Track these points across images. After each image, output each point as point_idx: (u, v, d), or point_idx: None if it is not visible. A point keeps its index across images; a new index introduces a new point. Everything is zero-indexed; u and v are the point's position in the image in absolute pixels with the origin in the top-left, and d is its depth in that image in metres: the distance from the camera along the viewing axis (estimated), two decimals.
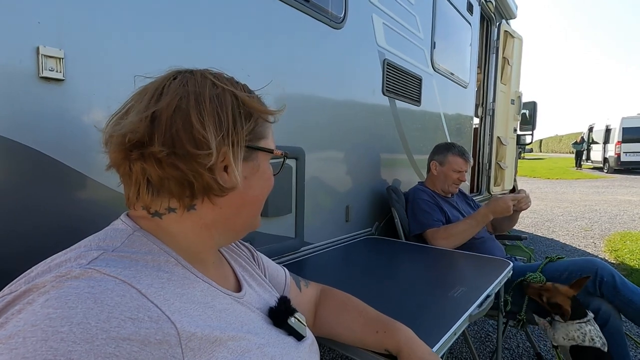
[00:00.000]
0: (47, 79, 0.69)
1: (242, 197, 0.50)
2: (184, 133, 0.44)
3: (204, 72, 0.49)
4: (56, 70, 0.70)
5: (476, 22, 2.93)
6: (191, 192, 0.46)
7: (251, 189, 0.51)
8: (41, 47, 0.68)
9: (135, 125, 0.43)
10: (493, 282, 1.10)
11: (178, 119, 0.44)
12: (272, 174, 0.56)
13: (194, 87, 0.46)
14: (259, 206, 0.55)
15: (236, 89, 0.49)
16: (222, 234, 0.52)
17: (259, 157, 0.52)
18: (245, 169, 0.50)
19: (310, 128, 1.41)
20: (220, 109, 0.46)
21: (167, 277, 0.42)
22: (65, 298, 0.32)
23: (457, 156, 1.81)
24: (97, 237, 0.44)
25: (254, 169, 0.51)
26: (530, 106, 4.46)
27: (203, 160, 0.44)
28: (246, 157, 0.50)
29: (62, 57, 0.71)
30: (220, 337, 0.42)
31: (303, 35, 1.34)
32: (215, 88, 0.47)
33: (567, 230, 4.69)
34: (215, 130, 0.45)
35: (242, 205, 0.51)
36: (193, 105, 0.45)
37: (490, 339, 2.06)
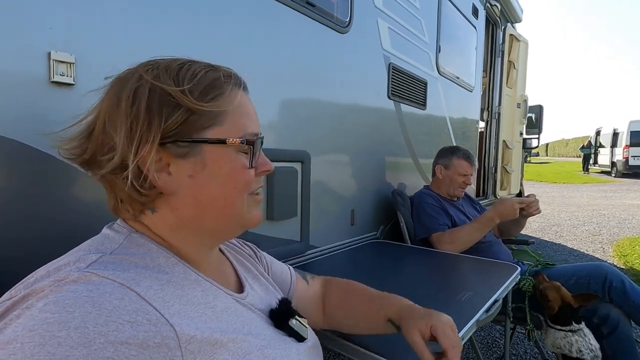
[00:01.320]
0: (57, 83, 0.71)
1: (195, 197, 0.45)
2: (100, 140, 0.43)
3: (143, 65, 0.46)
4: (67, 75, 0.71)
5: (481, 25, 2.93)
6: (132, 199, 0.44)
7: (205, 188, 0.45)
8: (52, 52, 0.69)
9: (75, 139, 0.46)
10: (501, 287, 1.09)
11: (100, 126, 0.43)
12: (242, 167, 0.47)
13: (119, 86, 0.44)
14: (229, 204, 0.47)
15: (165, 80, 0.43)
16: (199, 235, 0.48)
17: (204, 150, 0.44)
18: (187, 167, 0.44)
19: (315, 131, 1.41)
20: (132, 106, 0.42)
21: (166, 279, 0.42)
22: (63, 302, 0.32)
23: (462, 159, 1.80)
24: (96, 241, 0.44)
25: (197, 165, 0.44)
26: (536, 110, 4.43)
27: (106, 166, 0.42)
28: (183, 154, 0.44)
29: (72, 62, 0.72)
30: (221, 339, 0.41)
31: (309, 40, 1.34)
32: (135, 84, 0.43)
33: (575, 235, 4.64)
34: (125, 132, 0.41)
35: (199, 206, 0.46)
36: (113, 106, 0.43)
37: (497, 344, 2.04)
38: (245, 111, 0.49)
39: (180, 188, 0.45)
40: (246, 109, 0.49)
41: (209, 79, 0.46)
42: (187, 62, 0.47)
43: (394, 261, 1.45)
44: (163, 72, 0.44)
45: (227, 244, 0.63)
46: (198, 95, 0.44)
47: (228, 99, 0.46)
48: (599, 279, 1.39)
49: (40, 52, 0.68)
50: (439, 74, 2.27)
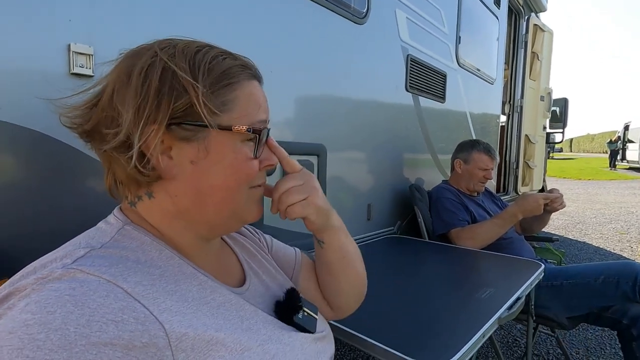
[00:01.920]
0: (77, 75, 0.71)
1: (194, 185, 0.43)
2: (105, 113, 0.41)
3: (159, 42, 0.44)
4: (86, 66, 0.72)
5: (504, 15, 2.83)
6: (132, 179, 0.43)
7: (206, 177, 0.43)
8: (72, 44, 0.70)
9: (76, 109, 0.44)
10: (523, 284, 1.05)
11: (107, 98, 0.42)
12: (246, 158, 0.45)
13: (132, 60, 0.42)
14: (230, 197, 0.45)
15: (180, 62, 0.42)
16: (196, 226, 0.46)
17: (209, 136, 0.43)
18: (191, 152, 0.43)
19: (332, 125, 1.40)
20: (143, 84, 0.40)
21: (159, 273, 0.40)
22: (45, 302, 0.31)
23: (483, 153, 1.75)
24: (88, 234, 0.42)
25: (200, 151, 0.43)
26: (561, 103, 4.26)
27: (111, 141, 0.40)
28: (188, 137, 0.42)
29: (91, 54, 0.72)
30: (217, 335, 0.39)
31: (325, 31, 1.32)
32: (148, 61, 0.41)
33: (601, 233, 4.46)
34: (134, 109, 0.40)
35: (199, 195, 0.44)
36: (123, 80, 0.41)
37: (518, 343, 1.98)
38: (255, 101, 0.46)
39: (180, 173, 0.43)
40: (257, 99, 0.47)
41: (224, 65, 0.44)
42: (206, 46, 0.46)
43: (412, 257, 1.43)
44: (180, 52, 0.43)
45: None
46: (210, 81, 0.42)
47: (239, 88, 0.45)
48: (628, 278, 1.32)
49: (60, 44, 0.69)
50: (459, 65, 2.21)
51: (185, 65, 0.42)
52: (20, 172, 0.68)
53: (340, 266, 0.64)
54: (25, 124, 0.67)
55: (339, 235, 0.62)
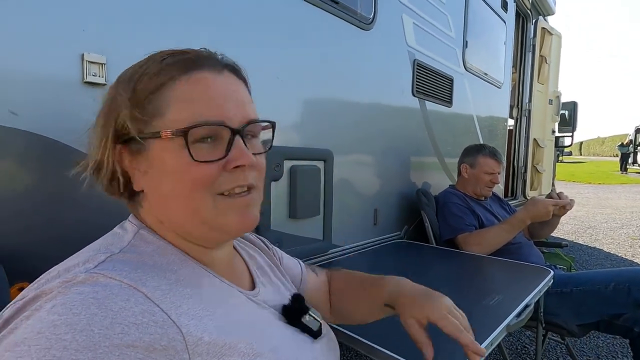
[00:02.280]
0: (90, 83, 0.73)
1: (155, 195, 0.44)
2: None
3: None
4: (99, 75, 0.74)
5: (511, 19, 2.82)
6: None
7: (158, 186, 0.43)
8: (85, 53, 0.72)
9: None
10: (532, 291, 1.04)
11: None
12: (186, 162, 0.41)
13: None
14: (192, 203, 0.42)
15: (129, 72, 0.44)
16: (181, 234, 0.45)
17: (151, 146, 0.42)
18: (142, 163, 0.43)
19: (338, 130, 1.40)
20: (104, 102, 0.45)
21: (175, 278, 0.41)
22: (70, 304, 0.32)
23: (489, 157, 1.74)
24: (106, 239, 0.44)
25: (147, 161, 0.43)
26: (570, 106, 4.22)
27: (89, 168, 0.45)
28: (137, 151, 0.43)
29: (104, 63, 0.74)
30: (230, 340, 0.40)
31: (332, 37, 1.33)
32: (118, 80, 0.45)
33: (612, 238, 4.39)
34: (97, 129, 0.44)
35: (164, 204, 0.44)
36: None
37: (527, 351, 1.95)
38: (195, 96, 0.42)
39: (144, 186, 0.45)
40: (197, 93, 0.42)
41: (154, 68, 0.43)
42: (163, 52, 0.45)
43: (418, 262, 1.42)
44: (132, 67, 0.45)
45: (239, 240, 0.62)
46: (141, 88, 0.42)
47: (172, 88, 0.42)
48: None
49: (74, 53, 0.71)
50: (466, 70, 2.21)
51: (126, 78, 0.44)
52: (35, 179, 0.69)
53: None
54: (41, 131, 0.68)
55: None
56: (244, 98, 0.46)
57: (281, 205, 1.19)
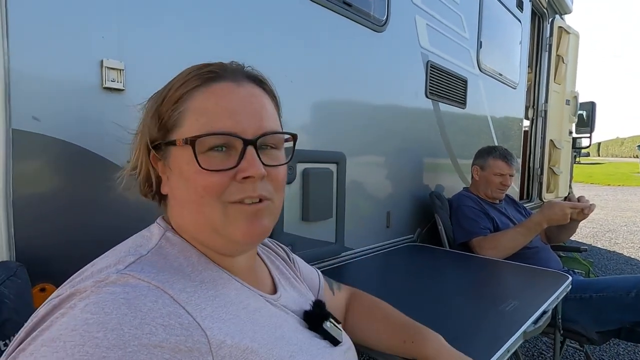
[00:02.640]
0: (109, 89, 0.75)
1: (175, 200, 0.47)
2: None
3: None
4: (117, 81, 0.75)
5: (527, 18, 2.77)
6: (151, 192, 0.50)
7: (177, 191, 0.46)
8: (104, 60, 0.74)
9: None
10: (550, 297, 1.01)
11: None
12: (196, 170, 0.42)
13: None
14: (202, 210, 0.43)
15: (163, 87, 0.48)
16: (200, 240, 0.46)
17: (171, 153, 0.45)
18: (166, 170, 0.47)
19: (351, 132, 1.40)
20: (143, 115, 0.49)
21: (199, 280, 0.42)
22: (103, 304, 0.33)
23: (499, 159, 1.71)
24: (135, 241, 0.45)
25: (167, 168, 0.46)
26: (587, 107, 4.11)
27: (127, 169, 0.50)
28: (163, 157, 0.47)
29: (122, 69, 0.76)
30: (251, 345, 0.41)
31: (345, 40, 1.33)
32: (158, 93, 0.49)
33: (632, 242, 4.25)
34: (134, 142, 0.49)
35: (179, 209, 0.47)
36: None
37: (544, 357, 1.91)
38: (210, 107, 0.43)
39: (168, 190, 0.48)
40: (211, 105, 0.43)
41: (178, 81, 0.46)
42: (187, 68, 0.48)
43: (432, 266, 1.40)
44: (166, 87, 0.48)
45: (260, 246, 0.63)
46: (169, 98, 0.45)
47: (190, 99, 0.44)
48: None
49: (93, 59, 0.73)
50: (480, 70, 2.17)
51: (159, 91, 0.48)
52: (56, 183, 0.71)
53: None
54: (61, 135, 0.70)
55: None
56: (263, 109, 0.46)
57: (294, 208, 1.20)
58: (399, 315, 0.70)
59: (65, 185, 0.72)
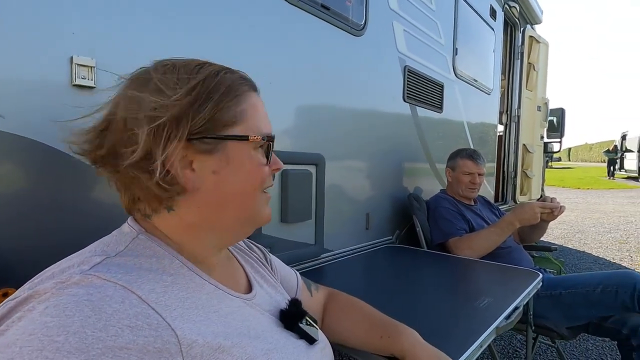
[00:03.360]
0: (79, 86, 0.73)
1: (216, 193, 0.46)
2: (120, 135, 0.43)
3: (156, 64, 0.47)
4: (88, 78, 0.73)
5: (500, 27, 2.88)
6: (152, 196, 0.44)
7: (226, 184, 0.46)
8: (75, 56, 0.72)
9: (88, 133, 0.46)
10: (522, 294, 1.05)
11: (121, 120, 0.43)
12: (260, 164, 0.48)
13: (137, 84, 0.45)
14: (246, 201, 0.48)
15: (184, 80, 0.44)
16: (213, 234, 0.48)
17: (228, 147, 0.46)
18: (212, 163, 0.45)
19: (330, 135, 1.41)
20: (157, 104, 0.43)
21: (171, 281, 0.41)
22: (64, 306, 0.32)
23: (466, 159, 1.78)
24: (103, 242, 0.44)
25: (222, 161, 0.45)
26: (557, 113, 4.31)
27: (129, 159, 0.41)
28: (209, 150, 0.45)
29: (93, 66, 0.74)
30: (224, 343, 0.40)
31: (324, 43, 1.35)
32: (156, 83, 0.44)
33: (600, 242, 4.45)
34: (149, 128, 0.41)
35: (221, 202, 0.46)
36: (135, 102, 0.43)
37: (519, 354, 1.96)
38: (260, 112, 0.50)
39: (203, 184, 0.45)
40: (261, 110, 0.51)
41: (228, 80, 0.47)
42: (205, 63, 0.48)
43: (410, 266, 1.43)
44: (182, 72, 0.45)
45: (235, 247, 0.63)
46: (219, 95, 0.45)
47: (245, 99, 0.48)
48: (627, 288, 1.32)
49: (63, 56, 0.71)
50: (456, 76, 2.24)
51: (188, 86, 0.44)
52: (23, 183, 0.68)
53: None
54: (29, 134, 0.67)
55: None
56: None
57: (273, 210, 1.19)
58: (375, 313, 0.71)
59: (32, 186, 0.69)
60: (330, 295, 0.78)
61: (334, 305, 0.75)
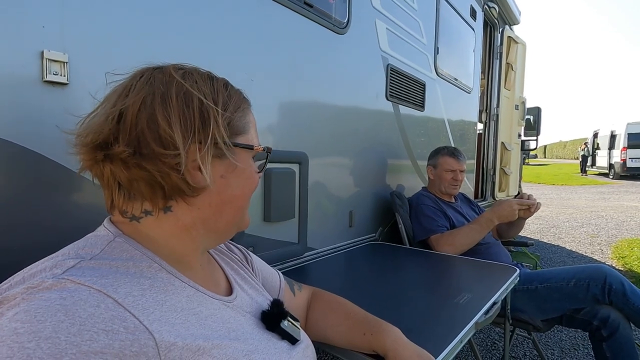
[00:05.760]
0: (51, 82, 0.70)
1: (219, 196, 0.48)
2: (149, 132, 0.42)
3: (172, 68, 0.48)
4: (60, 74, 0.70)
5: (479, 28, 2.94)
6: (163, 194, 0.44)
7: (229, 188, 0.49)
8: (45, 51, 0.68)
9: (100, 126, 0.43)
10: (500, 289, 1.08)
11: (143, 117, 0.43)
12: (255, 171, 0.53)
13: (160, 84, 0.45)
14: (242, 205, 0.52)
15: (206, 87, 0.47)
16: (205, 236, 0.50)
17: (236, 154, 0.49)
18: (221, 168, 0.48)
19: (313, 133, 1.40)
20: (187, 107, 0.44)
21: (149, 284, 0.40)
22: (35, 311, 0.31)
23: (447, 156, 1.82)
24: (77, 245, 0.42)
25: (230, 167, 0.48)
26: (534, 112, 4.44)
27: (169, 160, 0.43)
28: (220, 155, 0.47)
29: (66, 61, 0.71)
30: (204, 345, 0.40)
31: (306, 41, 1.34)
32: (182, 86, 0.45)
33: (574, 236, 4.64)
34: (181, 129, 0.43)
35: (221, 205, 0.49)
36: (159, 103, 0.43)
37: (497, 347, 2.03)
38: (255, 126, 0.55)
39: (210, 187, 0.47)
40: (255, 123, 0.55)
41: (238, 92, 0.52)
42: (211, 74, 0.51)
43: (392, 263, 1.44)
44: (199, 79, 0.48)
45: (215, 249, 0.62)
46: (233, 106, 0.49)
47: (249, 112, 0.53)
48: (598, 281, 1.38)
49: (32, 50, 0.67)
50: (437, 75, 2.27)
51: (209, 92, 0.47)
52: None
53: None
54: None
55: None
56: None
57: (255, 209, 1.18)
58: (358, 311, 0.72)
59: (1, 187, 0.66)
60: (314, 294, 0.78)
61: (318, 304, 0.75)
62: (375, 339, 0.65)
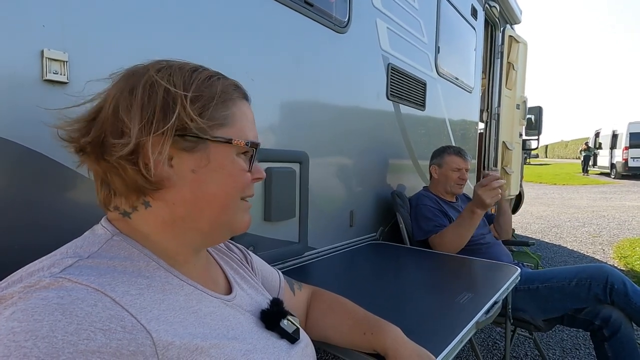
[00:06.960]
0: (51, 81, 0.70)
1: (192, 193, 0.46)
2: (111, 124, 0.43)
3: (153, 62, 0.47)
4: (60, 73, 0.70)
5: (480, 27, 2.93)
6: (134, 188, 0.44)
7: (204, 185, 0.46)
8: (45, 50, 0.68)
9: (79, 121, 0.45)
10: (500, 288, 1.08)
11: (111, 110, 0.43)
12: (241, 169, 0.49)
13: (134, 78, 0.45)
14: (225, 204, 0.48)
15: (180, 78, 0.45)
16: (189, 234, 0.48)
17: (209, 148, 0.46)
18: (190, 162, 0.45)
19: (314, 132, 1.40)
20: (149, 96, 0.43)
21: (146, 283, 0.40)
22: (32, 310, 0.31)
23: (454, 155, 1.80)
24: (75, 244, 0.42)
25: (202, 161, 0.46)
26: (535, 111, 4.43)
27: (119, 150, 0.41)
28: (190, 148, 0.45)
29: (66, 60, 0.71)
30: (202, 345, 0.40)
31: (307, 40, 1.34)
32: (152, 77, 0.45)
33: (575, 236, 4.63)
34: (139, 119, 0.42)
35: (196, 202, 0.46)
36: (126, 96, 0.43)
37: (498, 346, 2.02)
38: (248, 119, 0.51)
39: (180, 181, 0.45)
40: (249, 117, 0.51)
41: (219, 84, 0.48)
42: (199, 67, 0.49)
43: (393, 263, 1.44)
44: (176, 72, 0.46)
45: (214, 248, 0.62)
46: (208, 96, 0.46)
47: (234, 106, 0.49)
48: (600, 281, 1.37)
49: (32, 50, 0.67)
50: (438, 74, 2.27)
51: (180, 83, 0.45)
52: None
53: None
54: None
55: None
56: None
57: (256, 208, 1.18)
58: (359, 310, 0.71)
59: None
60: (314, 293, 0.78)
61: (318, 303, 0.75)
62: (375, 338, 0.65)
